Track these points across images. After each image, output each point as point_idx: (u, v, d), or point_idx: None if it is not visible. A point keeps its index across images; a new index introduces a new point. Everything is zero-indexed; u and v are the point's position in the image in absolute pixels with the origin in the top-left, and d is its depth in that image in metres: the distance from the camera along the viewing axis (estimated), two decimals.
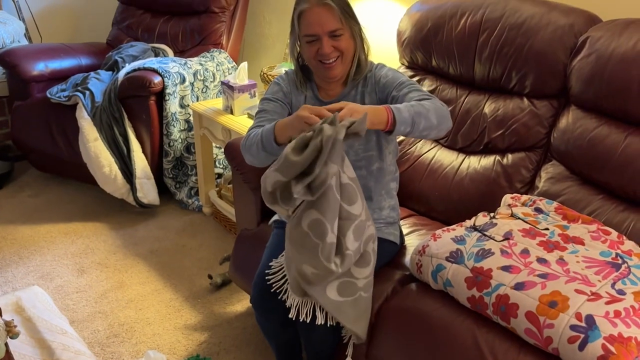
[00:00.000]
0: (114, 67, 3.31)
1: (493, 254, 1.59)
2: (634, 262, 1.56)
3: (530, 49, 1.99)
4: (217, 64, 3.29)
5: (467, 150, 2.19)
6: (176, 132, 3.09)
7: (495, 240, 1.64)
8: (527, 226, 1.70)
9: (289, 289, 1.68)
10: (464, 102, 2.20)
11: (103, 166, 2.98)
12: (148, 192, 3.06)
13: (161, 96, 3.01)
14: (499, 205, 1.89)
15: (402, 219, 2.10)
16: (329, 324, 1.66)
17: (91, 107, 3.04)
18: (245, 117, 2.82)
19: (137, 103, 3.01)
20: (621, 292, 1.43)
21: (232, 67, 3.36)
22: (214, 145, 3.13)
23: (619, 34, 1.84)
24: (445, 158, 2.21)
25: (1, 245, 2.87)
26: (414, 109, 1.60)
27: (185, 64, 3.15)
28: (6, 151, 3.57)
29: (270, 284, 1.75)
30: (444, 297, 1.66)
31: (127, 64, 3.19)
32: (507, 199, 1.90)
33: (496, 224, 1.72)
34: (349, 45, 1.77)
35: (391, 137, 1.86)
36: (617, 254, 1.58)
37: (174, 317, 2.40)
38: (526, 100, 2.06)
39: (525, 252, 1.58)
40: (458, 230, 1.75)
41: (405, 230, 2.05)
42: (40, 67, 3.33)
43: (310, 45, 1.75)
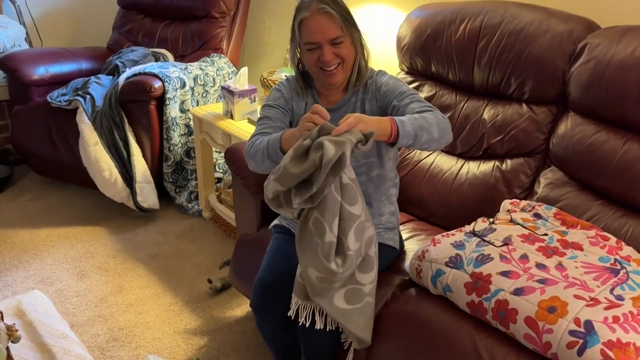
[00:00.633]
0: (115, 72, 3.32)
1: (492, 259, 1.60)
2: (632, 268, 1.56)
3: (529, 55, 2.00)
4: (217, 69, 3.30)
5: (466, 156, 2.20)
6: (176, 136, 3.10)
7: (495, 246, 1.65)
8: (526, 232, 1.71)
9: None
10: (463, 108, 2.21)
11: (103, 170, 2.99)
12: (148, 196, 3.07)
13: (161, 101, 3.02)
14: (498, 211, 1.90)
15: (401, 224, 2.11)
16: (328, 328, 1.67)
17: (91, 111, 3.05)
18: (245, 122, 2.83)
19: (138, 107, 3.02)
20: (620, 298, 1.44)
21: (232, 72, 3.37)
22: (214, 149, 3.14)
23: (618, 40, 1.85)
24: (445, 163, 2.22)
25: (1, 249, 2.88)
26: (418, 122, 1.60)
27: (186, 68, 3.16)
28: (6, 155, 3.57)
29: (270, 290, 1.76)
30: (443, 302, 1.66)
31: (127, 69, 3.20)
32: (506, 204, 1.91)
33: (495, 229, 1.73)
34: (349, 53, 1.78)
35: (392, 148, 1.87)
36: (615, 260, 1.59)
37: (173, 321, 2.40)
38: (525, 106, 2.07)
39: (525, 258, 1.59)
40: (457, 235, 1.75)
41: (404, 236, 2.05)
42: (41, 72, 3.33)
43: (311, 53, 1.76)
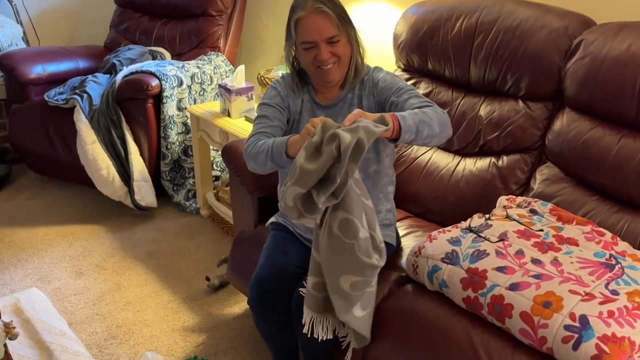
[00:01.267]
0: (112, 70, 3.32)
1: (488, 255, 1.60)
2: (627, 263, 1.57)
3: (525, 51, 2.01)
4: (214, 67, 3.30)
5: (462, 153, 2.20)
6: (174, 134, 3.10)
7: (490, 242, 1.66)
8: (522, 227, 1.71)
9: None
10: (459, 105, 2.22)
11: (101, 169, 2.99)
12: (146, 194, 3.07)
13: (159, 99, 3.02)
14: (494, 207, 1.90)
15: (398, 220, 2.12)
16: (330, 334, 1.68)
17: (89, 110, 3.05)
18: (242, 120, 2.84)
19: (135, 106, 3.02)
20: (615, 293, 1.45)
21: (229, 70, 3.38)
22: (211, 147, 3.14)
23: (613, 36, 1.86)
24: (441, 160, 2.22)
25: None
26: (418, 117, 1.60)
27: (183, 67, 3.16)
28: (4, 154, 3.57)
29: (268, 286, 1.77)
30: (439, 298, 1.67)
31: (124, 67, 3.21)
32: (502, 200, 1.91)
33: (491, 225, 1.74)
34: (346, 50, 1.78)
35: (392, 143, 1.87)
36: (611, 255, 1.59)
37: (171, 318, 2.40)
38: (521, 103, 2.07)
39: (520, 253, 1.60)
40: (453, 231, 1.76)
41: (401, 232, 2.06)
42: (38, 70, 3.34)
43: (307, 52, 1.76)
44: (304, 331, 1.66)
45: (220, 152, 3.14)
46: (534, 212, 1.81)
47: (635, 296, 1.44)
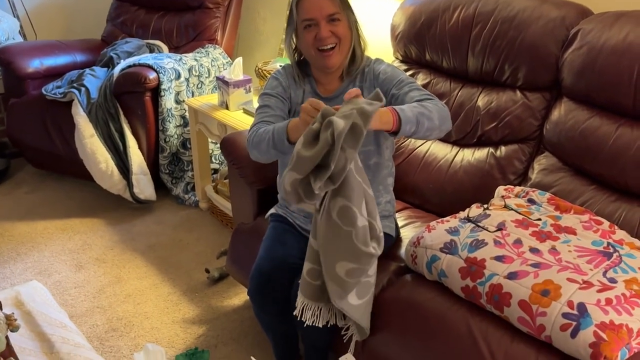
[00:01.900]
0: (109, 64, 3.31)
1: (486, 244, 1.61)
2: (625, 251, 1.58)
3: (523, 41, 2.01)
4: (212, 60, 3.30)
5: (460, 143, 2.20)
6: (172, 127, 3.10)
7: (489, 231, 1.66)
8: (520, 217, 1.72)
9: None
10: (457, 95, 2.22)
11: (99, 162, 2.99)
12: (144, 187, 3.08)
13: (157, 92, 3.02)
14: (493, 197, 1.91)
15: (397, 211, 2.12)
16: (330, 323, 1.69)
17: (87, 103, 3.05)
18: (240, 112, 2.84)
19: (133, 99, 3.02)
20: (612, 281, 1.46)
21: (227, 62, 3.37)
22: (209, 140, 3.14)
23: (610, 26, 1.86)
24: (440, 151, 2.23)
25: None
26: (417, 110, 1.61)
27: (180, 59, 3.15)
28: (2, 148, 3.57)
29: (267, 278, 1.77)
30: (438, 288, 1.68)
31: (122, 60, 3.20)
32: (500, 190, 1.92)
33: (489, 215, 1.74)
34: (346, 33, 1.79)
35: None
36: (608, 243, 1.60)
37: (172, 311, 2.41)
38: (519, 93, 2.08)
39: (518, 242, 1.61)
40: (452, 221, 1.77)
41: (400, 223, 2.06)
42: (36, 64, 3.33)
43: (307, 31, 1.77)
44: (294, 313, 1.67)
45: (218, 145, 3.15)
46: (532, 201, 1.82)
47: (632, 284, 1.45)
